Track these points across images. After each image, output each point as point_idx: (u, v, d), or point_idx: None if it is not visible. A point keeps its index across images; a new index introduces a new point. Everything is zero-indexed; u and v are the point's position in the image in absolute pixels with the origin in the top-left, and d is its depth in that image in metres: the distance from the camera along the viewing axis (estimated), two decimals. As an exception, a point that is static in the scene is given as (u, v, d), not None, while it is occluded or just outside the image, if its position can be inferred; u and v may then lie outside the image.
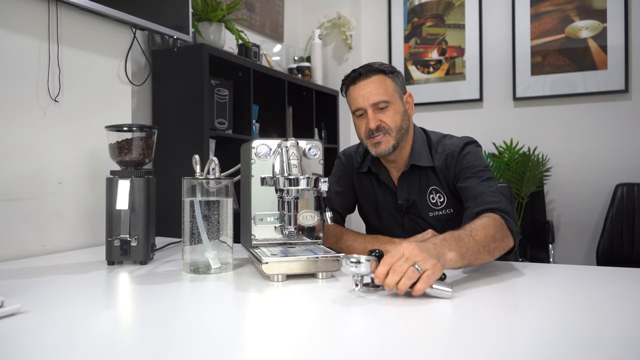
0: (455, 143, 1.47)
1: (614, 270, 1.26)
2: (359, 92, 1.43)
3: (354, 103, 1.45)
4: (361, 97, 1.43)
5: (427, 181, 1.48)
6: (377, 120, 1.42)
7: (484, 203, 1.28)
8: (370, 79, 1.43)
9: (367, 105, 1.42)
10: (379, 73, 1.43)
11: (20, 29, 1.52)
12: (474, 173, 1.39)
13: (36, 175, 1.56)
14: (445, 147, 1.48)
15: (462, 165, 1.42)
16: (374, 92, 1.42)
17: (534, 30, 3.08)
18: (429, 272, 0.93)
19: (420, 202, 1.49)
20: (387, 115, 1.43)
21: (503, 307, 0.95)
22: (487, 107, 3.22)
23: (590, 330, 0.79)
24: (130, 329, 0.85)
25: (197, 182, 1.21)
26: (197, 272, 1.21)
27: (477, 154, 1.45)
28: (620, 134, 2.89)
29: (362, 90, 1.43)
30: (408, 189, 1.50)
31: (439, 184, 1.47)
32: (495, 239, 1.16)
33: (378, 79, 1.43)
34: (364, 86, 1.43)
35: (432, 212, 1.48)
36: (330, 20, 3.39)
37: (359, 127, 1.48)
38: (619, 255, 2.63)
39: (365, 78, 1.43)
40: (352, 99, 1.46)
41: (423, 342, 0.74)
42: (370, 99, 1.42)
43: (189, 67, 2.10)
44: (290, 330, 0.81)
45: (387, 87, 1.43)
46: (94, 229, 1.72)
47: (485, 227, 1.16)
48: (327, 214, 1.16)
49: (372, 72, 1.43)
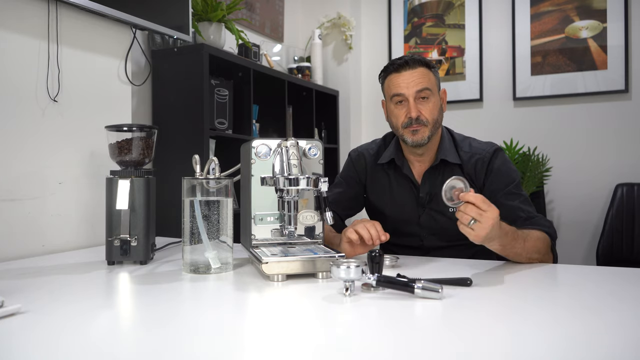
0: (485, 148, 1.51)
1: (614, 270, 1.26)
2: (403, 79, 1.45)
3: (395, 89, 1.46)
4: (405, 84, 1.44)
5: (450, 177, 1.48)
6: (418, 111, 1.43)
7: (539, 224, 1.37)
8: (416, 69, 1.44)
9: (411, 93, 1.43)
10: (424, 65, 1.46)
11: (20, 29, 1.52)
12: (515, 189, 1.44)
13: (36, 175, 1.56)
14: (472, 149, 1.51)
15: (498, 177, 1.46)
16: (419, 81, 1.43)
17: (534, 30, 3.07)
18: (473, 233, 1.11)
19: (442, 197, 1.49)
20: (426, 107, 1.45)
21: (503, 307, 0.95)
22: (487, 107, 3.22)
23: (590, 330, 0.79)
24: (130, 329, 0.85)
25: (197, 182, 1.21)
26: (197, 272, 1.21)
27: (509, 163, 1.50)
28: (620, 134, 2.89)
29: (407, 78, 1.44)
30: (430, 183, 1.51)
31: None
32: (539, 252, 1.30)
33: (423, 71, 1.45)
34: (409, 75, 1.44)
35: (452, 208, 1.48)
36: (330, 20, 3.39)
37: (396, 114, 1.48)
38: (619, 255, 2.63)
39: (411, 68, 1.44)
40: (393, 85, 1.47)
41: (423, 342, 0.74)
42: (415, 87, 1.43)
43: (189, 67, 2.10)
44: (290, 330, 0.81)
45: (430, 79, 1.46)
46: (94, 229, 1.72)
47: (537, 240, 1.30)
48: (327, 214, 1.16)
49: (417, 63, 1.45)
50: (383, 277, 0.99)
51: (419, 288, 0.95)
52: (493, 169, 1.47)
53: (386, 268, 1.20)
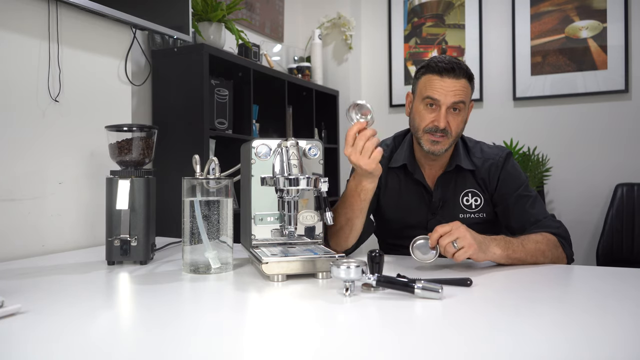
0: (497, 153, 1.50)
1: (614, 270, 1.26)
2: (443, 85, 1.38)
3: (431, 91, 1.39)
4: (444, 92, 1.38)
5: (463, 183, 1.49)
6: (447, 122, 1.39)
7: (546, 227, 1.35)
8: (460, 80, 1.38)
9: (446, 102, 1.38)
10: (467, 77, 1.41)
11: (20, 29, 1.52)
12: (525, 191, 1.44)
13: (36, 175, 1.56)
14: (484, 154, 1.50)
15: (509, 181, 1.46)
16: (458, 93, 1.38)
17: (534, 30, 3.08)
18: (464, 250, 1.15)
19: (454, 203, 1.49)
20: (455, 120, 1.40)
21: (503, 307, 0.95)
22: (487, 107, 3.22)
23: (590, 330, 0.79)
24: (130, 329, 0.85)
25: (197, 182, 1.21)
26: (197, 272, 1.21)
27: (518, 168, 1.50)
28: (620, 134, 2.89)
29: (448, 86, 1.38)
30: (443, 189, 1.50)
31: (478, 187, 1.49)
32: (544, 256, 1.28)
33: (465, 83, 1.40)
34: (451, 84, 1.38)
35: (463, 214, 1.49)
36: (330, 20, 3.39)
37: (422, 115, 1.42)
38: (619, 255, 2.63)
39: (456, 77, 1.38)
40: (431, 87, 1.39)
41: (424, 342, 0.74)
42: (453, 98, 1.38)
43: (189, 67, 2.10)
44: (290, 330, 0.81)
45: (467, 93, 1.42)
46: (94, 229, 1.72)
47: (537, 243, 1.28)
48: (327, 214, 1.16)
49: (462, 74, 1.39)
50: (383, 277, 0.99)
51: (419, 288, 0.95)
52: (504, 174, 1.47)
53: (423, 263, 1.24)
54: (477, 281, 1.08)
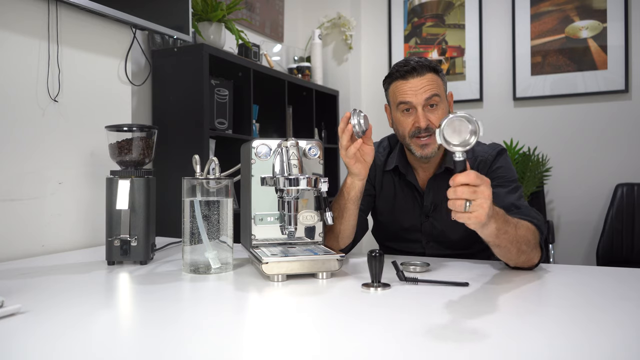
0: (487, 150, 1.46)
1: (614, 270, 1.26)
2: (410, 86, 1.37)
3: (401, 97, 1.38)
4: (412, 92, 1.36)
5: None
6: (427, 120, 1.36)
7: (530, 216, 1.28)
8: (424, 76, 1.36)
9: (419, 101, 1.36)
10: (432, 70, 1.38)
11: (20, 29, 1.52)
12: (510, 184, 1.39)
13: (36, 175, 1.56)
14: (475, 153, 1.46)
15: (496, 175, 1.41)
16: (427, 89, 1.36)
17: (534, 30, 3.08)
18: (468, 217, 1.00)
19: (446, 205, 1.47)
20: (435, 115, 1.37)
21: (502, 308, 0.95)
22: (487, 107, 3.22)
23: (590, 330, 0.79)
24: (130, 329, 0.85)
25: (197, 182, 1.21)
26: (197, 272, 1.21)
27: (509, 164, 1.45)
28: (620, 134, 2.89)
29: (415, 85, 1.36)
30: (435, 191, 1.47)
31: None
32: (529, 245, 1.18)
33: (431, 77, 1.37)
34: (417, 82, 1.36)
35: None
36: (330, 20, 3.39)
37: (402, 123, 1.41)
38: (619, 255, 2.63)
39: (419, 74, 1.36)
40: (400, 92, 1.39)
41: (423, 341, 0.74)
42: (424, 94, 1.36)
43: (189, 67, 2.10)
44: (290, 330, 0.81)
45: (438, 85, 1.38)
46: (94, 229, 1.72)
47: (528, 229, 1.19)
48: (327, 214, 1.16)
49: (425, 69, 1.37)
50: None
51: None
52: (493, 168, 1.44)
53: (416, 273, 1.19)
54: (475, 283, 1.08)
